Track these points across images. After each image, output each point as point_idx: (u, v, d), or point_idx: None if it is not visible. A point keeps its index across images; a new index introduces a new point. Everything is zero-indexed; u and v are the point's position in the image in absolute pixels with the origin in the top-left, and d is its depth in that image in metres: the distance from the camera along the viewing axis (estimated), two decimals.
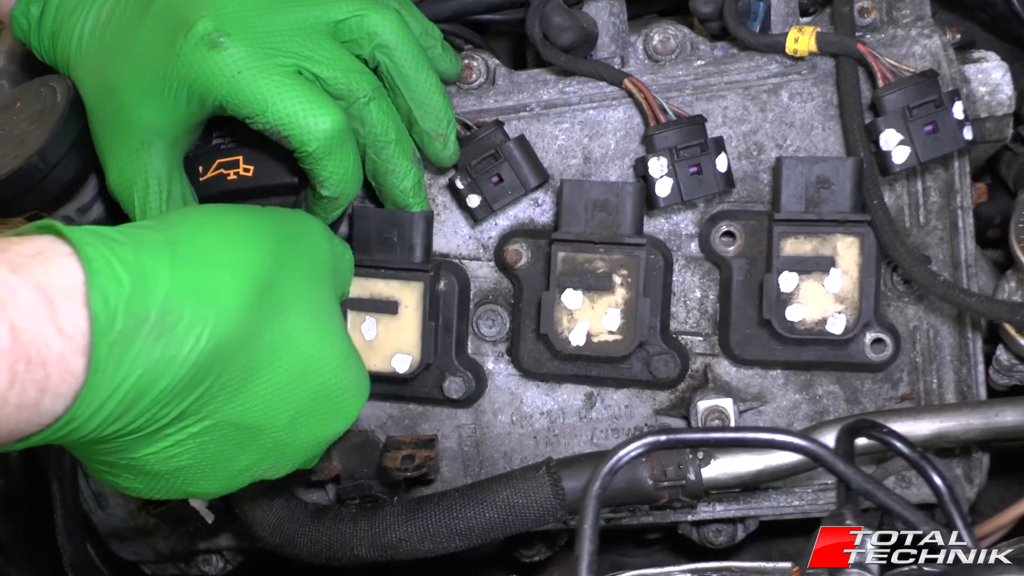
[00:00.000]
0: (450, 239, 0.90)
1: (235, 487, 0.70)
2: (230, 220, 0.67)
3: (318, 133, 0.74)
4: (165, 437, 0.63)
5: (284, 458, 0.70)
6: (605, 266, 0.84)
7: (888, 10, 0.87)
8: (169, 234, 0.62)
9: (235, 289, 0.62)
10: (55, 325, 0.54)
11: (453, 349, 0.89)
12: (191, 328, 0.59)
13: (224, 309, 0.61)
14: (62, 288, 0.55)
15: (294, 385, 0.67)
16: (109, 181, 0.83)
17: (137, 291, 0.57)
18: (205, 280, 0.61)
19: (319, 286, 0.71)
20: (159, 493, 0.67)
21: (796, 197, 0.83)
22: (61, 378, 0.55)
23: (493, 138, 0.86)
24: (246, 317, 0.63)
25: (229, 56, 0.74)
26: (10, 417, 0.54)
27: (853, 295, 0.82)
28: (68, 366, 0.55)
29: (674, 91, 0.87)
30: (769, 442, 0.53)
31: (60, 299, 0.55)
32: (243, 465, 0.68)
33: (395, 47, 0.79)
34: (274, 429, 0.67)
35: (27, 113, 0.83)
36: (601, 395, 0.91)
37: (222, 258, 0.63)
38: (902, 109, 0.80)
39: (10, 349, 0.52)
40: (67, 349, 0.55)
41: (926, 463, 0.58)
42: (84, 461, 0.67)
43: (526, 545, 0.99)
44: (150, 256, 0.59)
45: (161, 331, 0.58)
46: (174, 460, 0.64)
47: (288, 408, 0.67)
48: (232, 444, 0.66)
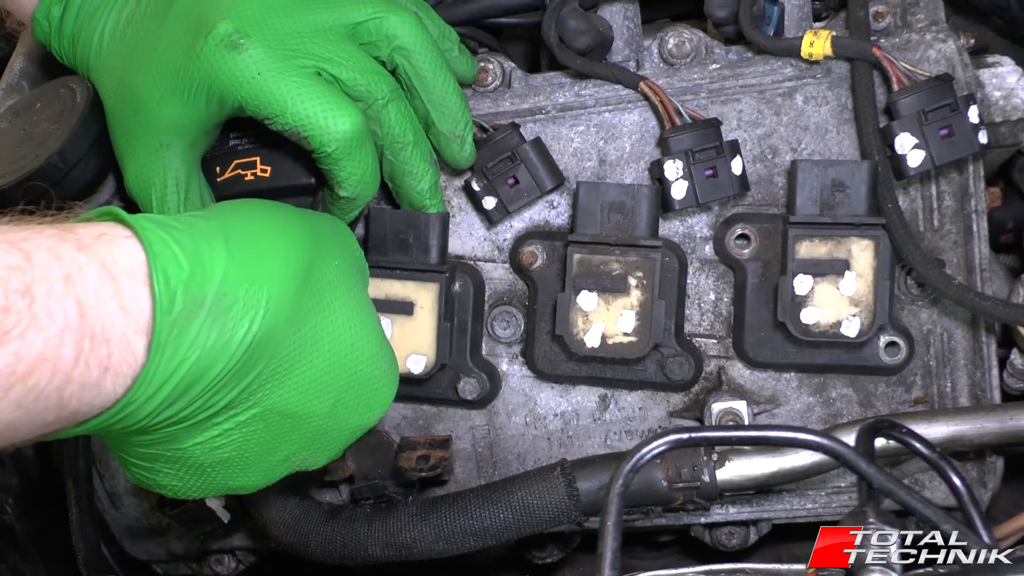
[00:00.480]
0: (465, 241, 0.91)
1: (272, 480, 0.71)
2: (274, 211, 0.68)
3: (338, 134, 0.74)
4: (214, 426, 0.63)
5: (322, 447, 0.71)
6: (620, 268, 0.85)
7: (902, 15, 0.87)
8: (221, 222, 0.63)
9: (285, 276, 0.63)
10: (119, 303, 0.55)
11: (468, 350, 0.89)
12: (245, 313, 0.60)
13: (275, 294, 0.62)
14: (125, 268, 0.56)
15: (335, 373, 0.68)
16: (127, 181, 0.83)
17: (195, 274, 0.58)
18: (257, 266, 0.62)
19: (353, 278, 0.72)
20: (197, 491, 0.68)
21: (811, 200, 0.83)
22: (123, 357, 0.55)
23: (509, 140, 0.86)
24: (294, 304, 0.64)
25: (249, 57, 0.75)
26: (73, 397, 0.54)
27: (868, 298, 0.82)
28: (130, 345, 0.56)
29: (689, 94, 0.88)
30: (791, 440, 0.54)
31: (123, 278, 0.56)
32: (283, 456, 0.69)
33: (413, 49, 0.80)
34: (316, 417, 0.68)
35: (47, 113, 0.84)
36: (615, 397, 0.91)
37: (272, 246, 0.64)
38: (917, 113, 0.80)
39: (78, 325, 0.53)
40: (129, 328, 0.55)
41: (945, 464, 0.58)
42: (123, 457, 0.67)
43: (538, 547, 0.99)
44: (205, 241, 0.60)
45: (217, 314, 0.58)
46: (219, 451, 0.65)
47: (329, 396, 0.68)
48: (275, 433, 0.67)
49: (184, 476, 0.66)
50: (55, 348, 0.52)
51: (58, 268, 0.53)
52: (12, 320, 0.50)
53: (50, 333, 0.51)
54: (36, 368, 0.51)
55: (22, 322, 0.50)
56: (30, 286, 0.51)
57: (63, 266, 0.54)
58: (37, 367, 0.51)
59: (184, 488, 0.67)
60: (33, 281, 0.51)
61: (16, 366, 0.50)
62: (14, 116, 0.87)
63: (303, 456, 0.70)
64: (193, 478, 0.67)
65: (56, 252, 0.54)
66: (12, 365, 0.50)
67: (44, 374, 0.51)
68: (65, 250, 0.54)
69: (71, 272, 0.54)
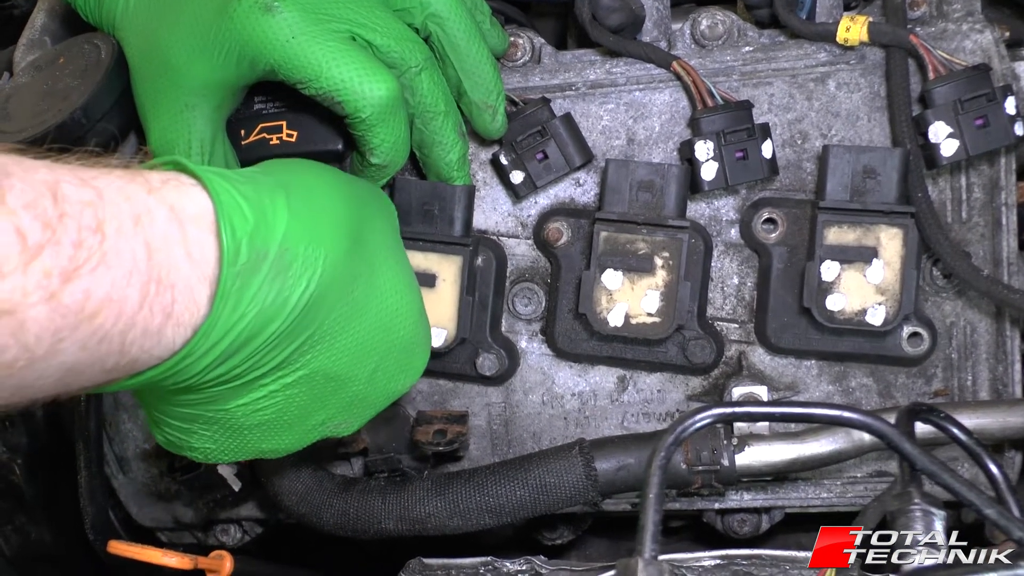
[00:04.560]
0: (489, 215, 0.90)
1: (303, 445, 0.70)
2: (325, 173, 0.67)
3: (373, 99, 0.73)
4: (261, 387, 0.62)
5: (358, 412, 0.70)
6: (647, 247, 0.84)
7: (938, 4, 0.87)
8: (280, 178, 0.62)
9: (340, 236, 0.62)
10: (185, 249, 0.54)
11: (487, 326, 0.89)
12: (304, 271, 0.59)
13: (331, 253, 0.61)
14: (192, 215, 0.55)
15: (379, 337, 0.67)
16: (151, 141, 0.82)
17: (260, 226, 0.57)
18: (316, 225, 0.61)
19: (397, 245, 0.71)
20: (229, 454, 0.67)
21: (842, 186, 0.82)
22: (185, 306, 0.54)
23: (540, 115, 0.85)
24: (347, 265, 0.63)
25: (283, 20, 0.73)
26: (135, 343, 0.52)
27: (894, 287, 0.82)
28: (193, 294, 0.54)
29: (721, 76, 0.87)
30: (836, 418, 0.53)
31: (190, 224, 0.55)
32: (320, 419, 0.68)
33: (447, 17, 0.79)
34: (357, 381, 0.67)
35: (71, 69, 0.83)
36: (634, 378, 0.90)
37: (328, 206, 0.63)
38: (953, 102, 0.80)
39: (145, 268, 0.51)
40: (194, 275, 0.54)
41: (982, 451, 0.58)
42: (158, 417, 0.66)
43: (549, 527, 0.99)
44: (268, 195, 0.59)
45: (279, 270, 0.57)
46: (261, 413, 0.64)
47: (371, 360, 0.67)
48: (316, 397, 0.66)
49: (219, 438, 0.65)
50: (122, 289, 0.50)
51: (128, 208, 0.52)
52: (83, 256, 0.48)
53: (118, 273, 0.50)
54: (103, 308, 0.49)
55: (92, 259, 0.49)
56: (101, 223, 0.50)
57: (133, 206, 0.52)
58: (104, 307, 0.49)
59: (216, 451, 0.66)
60: (105, 219, 0.50)
61: (85, 304, 0.48)
62: (36, 71, 0.85)
63: (337, 421, 0.70)
64: (228, 440, 0.66)
65: (126, 192, 0.52)
66: (81, 303, 0.48)
67: (110, 315, 0.50)
68: (135, 191, 0.53)
69: (140, 213, 0.52)
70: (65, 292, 0.47)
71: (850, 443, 0.79)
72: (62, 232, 0.48)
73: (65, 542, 0.99)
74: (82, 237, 0.48)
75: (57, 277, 0.47)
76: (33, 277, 0.46)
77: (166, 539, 1.01)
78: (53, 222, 0.47)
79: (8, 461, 0.94)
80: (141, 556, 0.82)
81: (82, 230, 0.49)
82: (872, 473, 0.89)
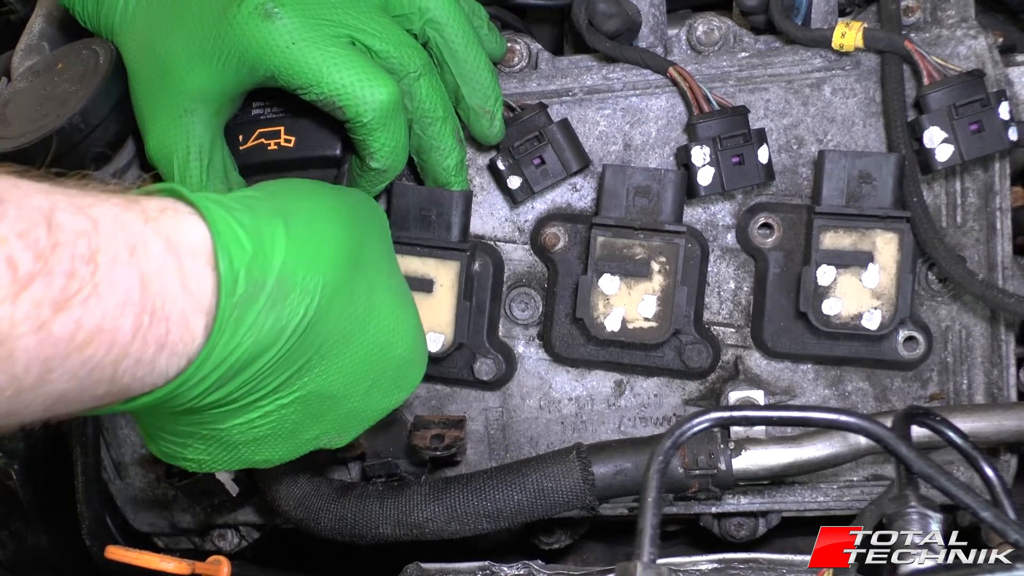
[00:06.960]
0: (486, 221, 0.90)
1: (296, 455, 0.70)
2: (323, 193, 0.67)
3: (374, 104, 0.74)
4: (256, 408, 0.62)
5: (351, 427, 0.70)
6: (644, 252, 0.84)
7: (932, 10, 0.87)
8: (278, 204, 0.61)
9: (339, 261, 0.62)
10: (181, 280, 0.53)
11: (485, 331, 0.89)
12: (302, 298, 0.58)
13: (330, 279, 0.60)
14: (188, 246, 0.54)
15: (376, 355, 0.67)
16: (149, 147, 0.82)
17: (258, 256, 0.56)
18: (315, 251, 0.60)
19: (392, 260, 0.71)
20: (222, 465, 0.67)
21: (837, 191, 0.83)
22: (180, 336, 0.53)
23: (537, 120, 0.85)
24: (346, 288, 0.63)
25: (283, 26, 0.74)
26: (127, 372, 0.52)
27: (890, 291, 0.82)
28: (188, 325, 0.54)
29: (717, 82, 0.87)
30: (833, 422, 0.53)
31: (186, 256, 0.54)
32: (314, 434, 0.68)
33: (445, 23, 0.79)
34: (353, 399, 0.67)
35: (69, 74, 0.83)
36: (631, 383, 0.90)
37: (327, 231, 0.62)
38: (947, 107, 0.80)
39: (139, 299, 0.51)
40: (189, 307, 0.53)
41: (978, 454, 0.58)
42: (154, 432, 0.65)
43: (546, 532, 0.99)
44: (266, 223, 0.58)
45: (276, 299, 0.57)
46: (256, 431, 0.64)
47: (368, 378, 0.67)
48: (311, 414, 0.66)
49: (214, 451, 0.65)
50: (114, 320, 0.49)
51: (124, 238, 0.51)
52: (76, 286, 0.48)
53: (111, 304, 0.49)
54: (94, 339, 0.49)
55: (84, 290, 0.48)
56: (95, 253, 0.49)
57: (128, 237, 0.51)
58: (95, 337, 0.49)
59: (210, 462, 0.66)
60: (99, 249, 0.49)
61: (76, 334, 0.48)
62: (34, 75, 0.85)
63: (332, 434, 0.70)
64: (222, 453, 0.65)
65: (122, 221, 0.52)
66: (72, 333, 0.48)
67: (101, 346, 0.49)
68: (131, 220, 0.52)
69: (136, 244, 0.51)
70: (56, 322, 0.47)
71: (846, 447, 0.80)
72: (55, 262, 0.47)
73: (62, 547, 0.99)
74: (75, 267, 0.48)
75: (48, 307, 0.46)
76: (23, 307, 0.45)
77: (163, 544, 1.01)
78: (46, 252, 0.47)
79: (4, 466, 0.94)
80: (138, 561, 0.82)
81: (75, 260, 0.48)
82: (868, 477, 0.89)
